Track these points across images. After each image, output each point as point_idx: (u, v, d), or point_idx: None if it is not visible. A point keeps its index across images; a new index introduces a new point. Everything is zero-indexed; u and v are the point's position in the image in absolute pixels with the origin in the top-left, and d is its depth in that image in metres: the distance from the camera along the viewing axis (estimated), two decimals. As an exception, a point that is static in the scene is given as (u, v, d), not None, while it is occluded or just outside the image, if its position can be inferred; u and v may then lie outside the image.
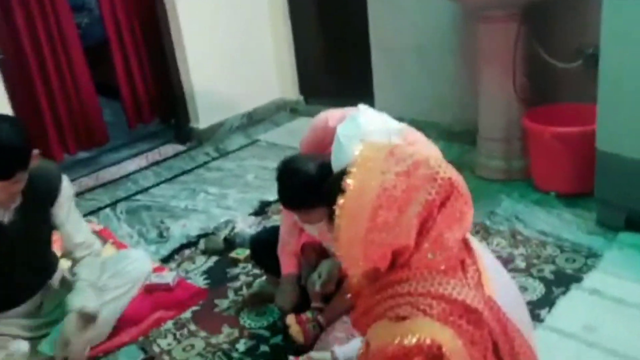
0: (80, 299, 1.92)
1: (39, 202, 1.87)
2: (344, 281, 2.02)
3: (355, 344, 1.59)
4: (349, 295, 1.43)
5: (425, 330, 1.06)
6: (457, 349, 1.05)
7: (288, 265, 2.10)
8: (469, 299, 1.10)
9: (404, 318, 1.14)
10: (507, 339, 1.12)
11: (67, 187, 1.97)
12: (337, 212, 1.17)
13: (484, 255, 1.27)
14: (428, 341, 1.05)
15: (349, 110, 1.95)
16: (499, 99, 2.84)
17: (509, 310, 1.17)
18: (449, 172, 1.17)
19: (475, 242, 1.27)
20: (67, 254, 2.05)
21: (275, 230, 2.23)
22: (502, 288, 1.21)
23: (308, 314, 2.05)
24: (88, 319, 1.94)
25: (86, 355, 2.04)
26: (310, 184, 1.75)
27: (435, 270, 1.15)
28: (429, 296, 1.11)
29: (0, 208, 1.78)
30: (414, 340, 1.05)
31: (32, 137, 3.29)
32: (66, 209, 1.97)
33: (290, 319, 2.04)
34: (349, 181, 1.16)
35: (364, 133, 1.75)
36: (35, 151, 1.75)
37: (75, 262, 2.03)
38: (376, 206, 1.12)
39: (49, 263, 2.09)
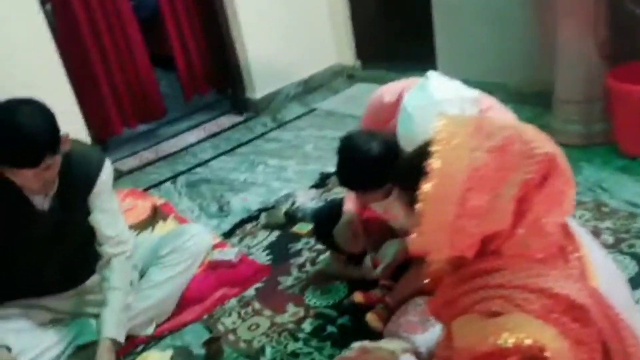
0: (112, 329, 1.81)
1: (76, 189, 1.79)
2: (412, 262, 1.90)
3: (436, 332, 1.48)
4: (426, 281, 1.32)
5: (525, 328, 0.94)
6: (563, 351, 0.91)
7: (348, 204, 1.96)
8: (574, 293, 0.96)
9: (496, 314, 1.01)
10: (618, 339, 0.97)
11: (107, 175, 1.86)
12: (420, 197, 1.05)
13: (585, 239, 1.12)
14: (528, 342, 0.92)
15: (409, 81, 1.80)
16: (579, 56, 2.59)
17: (618, 305, 1.02)
18: (547, 146, 1.02)
19: (574, 225, 1.12)
20: (98, 244, 1.93)
21: (337, 204, 2.12)
22: (609, 279, 1.06)
23: (377, 292, 1.95)
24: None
25: (151, 333, 2.04)
26: (371, 165, 1.65)
27: (532, 259, 1.01)
28: (525, 289, 0.98)
29: (38, 195, 1.73)
30: (511, 340, 0.92)
31: (93, 113, 3.38)
32: (102, 198, 1.86)
33: (358, 297, 1.96)
34: (433, 162, 1.02)
35: (435, 102, 1.60)
36: (65, 134, 1.67)
37: (105, 260, 1.90)
38: (466, 189, 0.99)
39: (93, 257, 1.96)
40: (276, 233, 2.56)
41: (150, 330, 2.03)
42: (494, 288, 1.02)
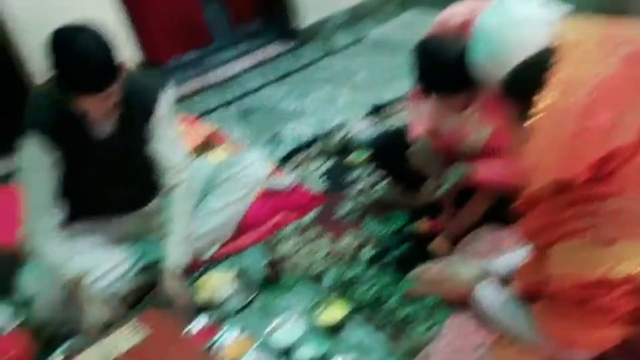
0: (176, 258, 1.82)
1: (136, 116, 1.78)
2: (476, 190, 1.84)
3: (514, 258, 1.44)
4: (516, 204, 1.26)
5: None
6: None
7: (417, 128, 1.90)
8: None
9: (610, 242, 0.95)
10: None
11: (165, 105, 1.82)
12: (536, 111, 0.97)
13: None
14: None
15: (478, 3, 1.67)
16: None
17: None
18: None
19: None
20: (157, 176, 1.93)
21: (398, 132, 2.06)
22: None
23: (440, 220, 1.92)
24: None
25: (211, 255, 2.06)
26: (458, 64, 1.56)
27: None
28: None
29: (99, 123, 1.73)
30: (626, 271, 0.86)
31: (141, 41, 3.33)
32: (161, 126, 1.83)
33: (421, 225, 1.93)
34: (553, 72, 0.94)
35: (516, 23, 1.48)
36: (123, 60, 1.63)
37: (165, 190, 1.89)
38: (588, 104, 0.92)
39: (153, 183, 1.95)
40: (330, 162, 2.53)
41: (210, 254, 2.06)
42: (608, 215, 0.96)
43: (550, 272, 1.17)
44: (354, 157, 2.48)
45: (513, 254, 1.50)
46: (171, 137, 1.89)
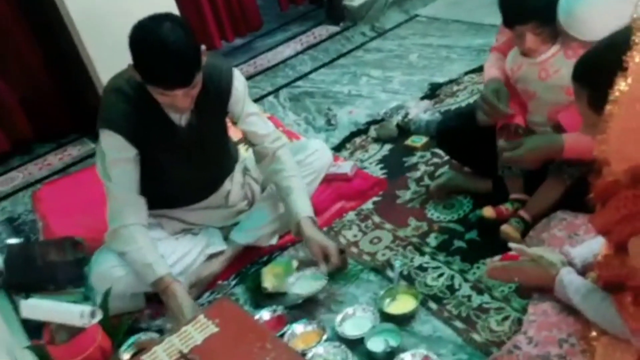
0: (307, 208, 1.86)
1: (213, 102, 1.78)
2: (551, 168, 1.77)
3: (592, 246, 1.37)
4: (590, 195, 1.20)
5: None
6: None
7: (492, 72, 1.87)
8: None
9: None
10: None
11: (239, 82, 1.85)
12: (611, 96, 0.92)
13: None
14: None
15: None
16: None
17: None
18: None
19: None
20: (253, 147, 1.98)
21: (462, 114, 2.01)
22: None
23: (507, 206, 1.85)
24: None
25: (275, 244, 2.06)
26: None
27: None
28: None
29: (180, 113, 1.72)
30: None
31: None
32: (242, 104, 1.87)
33: (488, 211, 1.86)
34: (633, 56, 0.88)
35: None
36: (203, 47, 1.63)
37: (269, 156, 1.93)
38: None
39: (230, 156, 2.06)
40: (388, 146, 2.48)
41: (273, 241, 2.06)
42: None
43: (632, 265, 1.11)
44: (413, 141, 2.42)
45: (592, 242, 1.43)
46: (254, 110, 1.94)
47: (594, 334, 1.24)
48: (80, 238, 2.11)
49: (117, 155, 1.73)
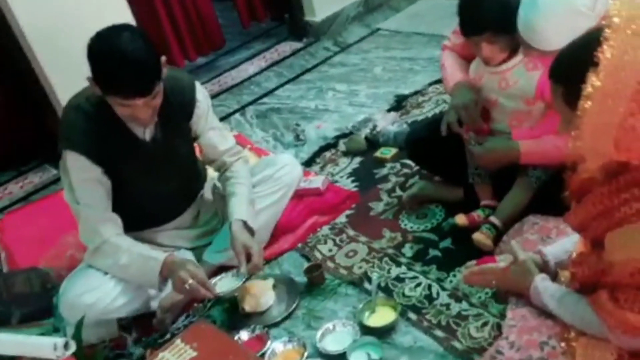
0: (242, 212, 1.84)
1: (176, 116, 1.77)
2: (516, 179, 1.80)
3: (565, 245, 1.40)
4: (566, 193, 1.23)
5: None
6: None
7: (457, 75, 1.91)
8: None
9: None
10: None
11: (202, 96, 1.85)
12: (585, 93, 0.94)
13: None
14: None
15: None
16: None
17: None
18: None
19: None
20: (211, 163, 1.98)
21: (430, 124, 2.03)
22: None
23: (479, 213, 1.88)
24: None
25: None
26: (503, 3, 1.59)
27: None
28: None
29: (139, 127, 1.70)
30: None
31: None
32: (205, 118, 1.86)
33: (461, 219, 1.88)
34: (604, 51, 0.91)
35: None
36: (163, 58, 1.61)
37: (224, 169, 1.94)
38: None
39: (198, 174, 2.04)
40: (358, 159, 2.49)
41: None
42: None
43: (608, 261, 1.13)
44: (382, 153, 2.43)
45: (564, 241, 1.46)
46: (219, 124, 1.95)
47: (572, 335, 1.26)
48: (48, 268, 2.04)
49: (82, 176, 1.69)
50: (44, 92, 2.78)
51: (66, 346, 1.15)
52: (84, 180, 1.69)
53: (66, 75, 2.63)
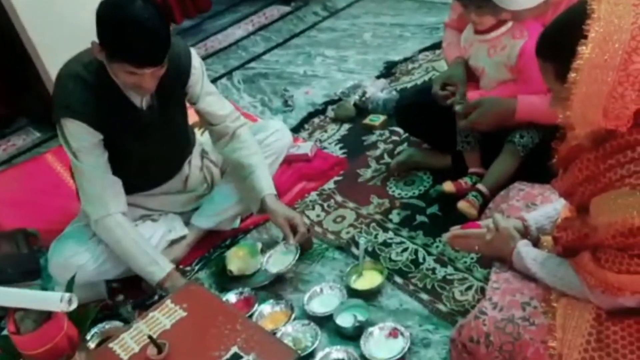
0: (270, 186, 1.86)
1: (172, 83, 1.74)
2: (504, 137, 1.82)
3: (547, 211, 1.43)
4: (553, 160, 1.25)
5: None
6: None
7: (454, 52, 1.95)
8: None
9: None
10: None
11: (198, 62, 1.82)
12: (574, 64, 0.95)
13: None
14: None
15: None
16: None
17: None
18: None
19: None
20: (211, 128, 1.95)
21: (420, 91, 2.04)
22: None
23: (466, 180, 1.90)
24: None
25: (237, 227, 2.05)
26: None
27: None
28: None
29: (142, 95, 1.68)
30: None
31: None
32: (201, 84, 1.84)
33: (448, 186, 1.90)
34: (591, 24, 0.92)
35: None
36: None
37: (228, 135, 1.91)
38: (630, 50, 0.92)
39: (188, 140, 2.02)
40: (347, 126, 2.49)
41: (235, 225, 2.04)
42: None
43: (592, 224, 1.16)
44: (371, 120, 2.43)
45: (546, 207, 1.49)
46: (213, 90, 1.92)
47: (554, 296, 1.29)
48: (34, 229, 2.03)
49: (84, 143, 1.67)
50: (28, 55, 2.71)
51: (70, 300, 1.17)
52: (85, 147, 1.68)
53: (51, 38, 2.58)
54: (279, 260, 1.79)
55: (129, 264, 1.76)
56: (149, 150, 1.80)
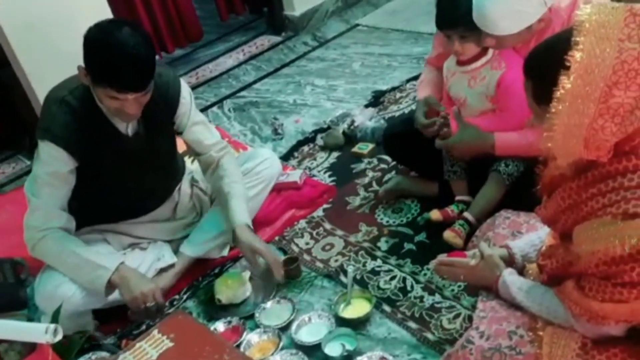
0: (244, 215, 1.86)
1: (160, 112, 1.76)
2: (490, 165, 1.85)
3: (532, 239, 1.44)
4: (537, 188, 1.27)
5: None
6: None
7: (426, 92, 2.00)
8: None
9: (633, 215, 0.97)
10: None
11: (187, 92, 1.85)
12: (557, 93, 0.98)
13: None
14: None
15: None
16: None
17: None
18: None
19: None
20: (198, 157, 1.97)
21: (407, 120, 2.06)
22: None
23: (453, 208, 1.92)
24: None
25: (226, 255, 2.04)
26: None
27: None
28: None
29: (127, 121, 1.69)
30: None
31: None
32: (188, 114, 1.86)
33: (435, 214, 1.92)
34: (574, 54, 0.94)
35: None
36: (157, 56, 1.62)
37: (213, 165, 1.93)
38: (611, 84, 0.94)
39: (177, 168, 2.03)
40: (336, 154, 2.51)
41: (224, 253, 2.04)
42: (631, 189, 0.98)
43: (575, 253, 1.18)
44: (360, 148, 2.46)
45: (531, 235, 1.51)
46: (203, 119, 1.94)
47: (540, 324, 1.30)
48: (21, 259, 2.01)
49: (52, 169, 1.67)
50: (19, 83, 2.73)
51: (55, 332, 1.16)
52: (51, 173, 1.67)
53: (42, 67, 2.60)
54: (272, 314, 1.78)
55: (75, 279, 1.70)
56: (136, 178, 1.80)
